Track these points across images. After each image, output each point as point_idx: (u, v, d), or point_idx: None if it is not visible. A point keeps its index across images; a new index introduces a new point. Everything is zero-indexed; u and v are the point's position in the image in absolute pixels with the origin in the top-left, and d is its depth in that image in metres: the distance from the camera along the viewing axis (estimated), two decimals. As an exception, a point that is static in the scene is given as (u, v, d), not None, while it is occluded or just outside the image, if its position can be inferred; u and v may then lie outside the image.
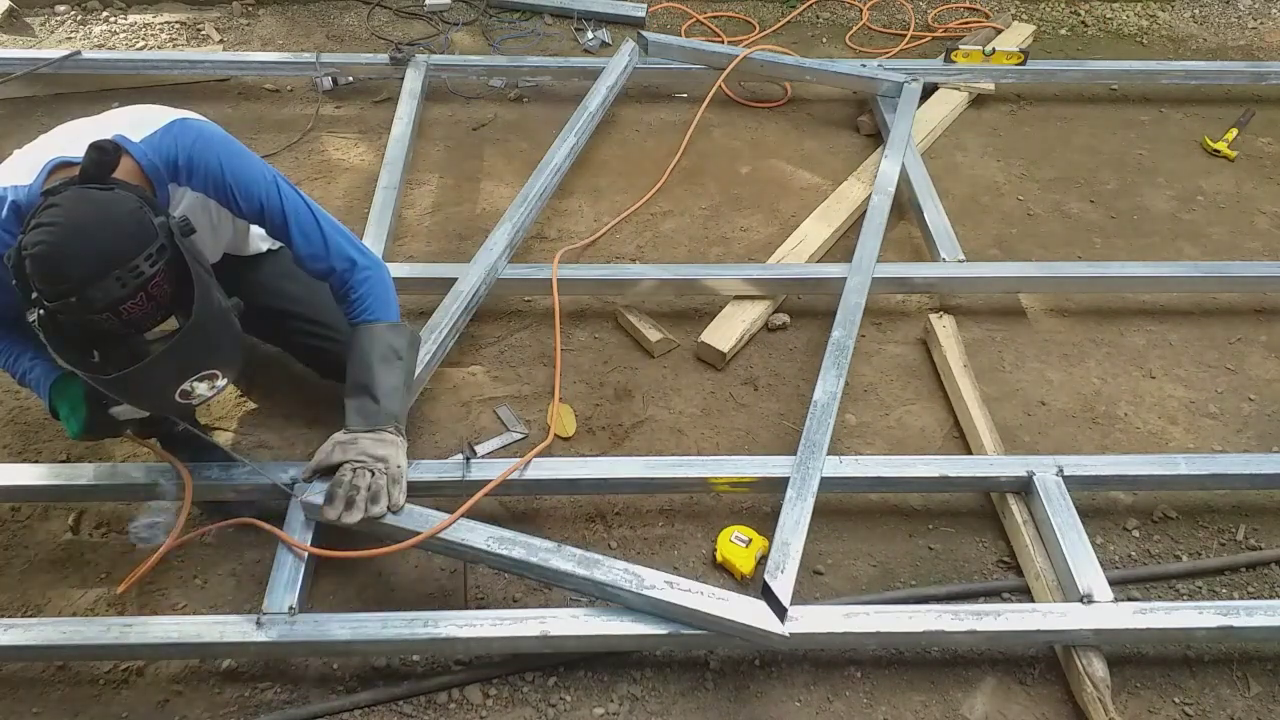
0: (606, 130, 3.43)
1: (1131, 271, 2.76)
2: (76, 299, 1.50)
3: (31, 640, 1.78)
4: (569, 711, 1.84)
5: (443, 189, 3.17)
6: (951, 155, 3.40)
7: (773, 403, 2.47)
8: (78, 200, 1.54)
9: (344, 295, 1.99)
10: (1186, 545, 2.17)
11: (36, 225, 1.52)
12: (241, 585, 2.02)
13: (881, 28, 4.17)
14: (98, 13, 4.04)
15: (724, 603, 1.79)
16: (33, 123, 3.31)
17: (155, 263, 1.55)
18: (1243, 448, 2.39)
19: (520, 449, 2.30)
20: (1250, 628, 1.86)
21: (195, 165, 1.79)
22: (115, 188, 1.59)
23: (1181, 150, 3.46)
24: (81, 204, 1.54)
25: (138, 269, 1.53)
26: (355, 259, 1.98)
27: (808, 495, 2.01)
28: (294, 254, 1.96)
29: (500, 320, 2.67)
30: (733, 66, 3.50)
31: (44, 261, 1.50)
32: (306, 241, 1.93)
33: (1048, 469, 2.11)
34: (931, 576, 2.09)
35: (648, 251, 2.94)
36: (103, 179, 1.60)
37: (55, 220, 1.51)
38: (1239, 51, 4.12)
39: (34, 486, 2.06)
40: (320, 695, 1.84)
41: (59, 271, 1.50)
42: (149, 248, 1.54)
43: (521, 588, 2.03)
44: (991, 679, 1.91)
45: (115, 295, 1.52)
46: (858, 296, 2.53)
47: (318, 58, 3.55)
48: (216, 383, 1.71)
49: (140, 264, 1.53)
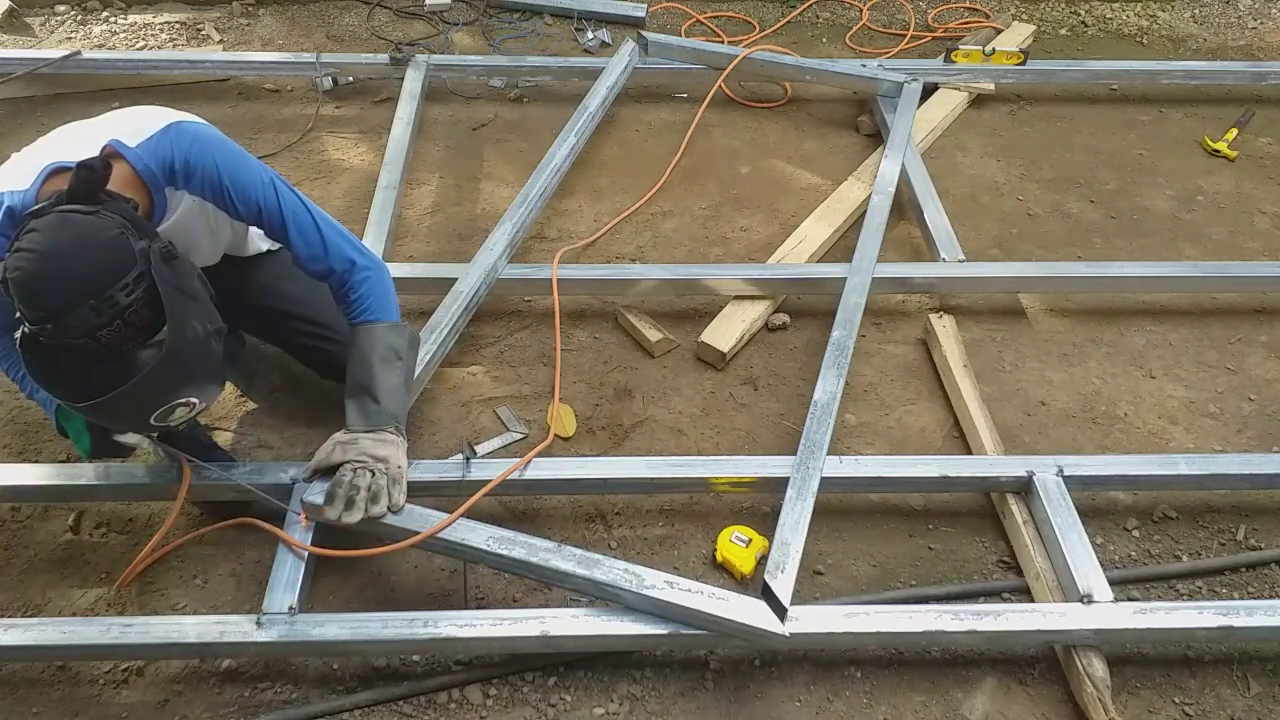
0: (606, 130, 3.43)
1: (1131, 271, 2.76)
2: (53, 325, 1.50)
3: (31, 640, 1.78)
4: (569, 712, 1.84)
5: (443, 189, 3.18)
6: (951, 155, 3.40)
7: (773, 403, 2.47)
8: (58, 226, 1.52)
9: (343, 296, 1.99)
10: (1187, 545, 2.17)
11: (17, 249, 1.51)
12: (241, 585, 2.02)
13: (881, 28, 4.17)
14: (98, 13, 4.04)
15: (724, 602, 1.79)
16: (32, 122, 3.31)
17: (132, 292, 1.53)
18: (1243, 448, 2.39)
19: (520, 449, 2.30)
20: (1250, 628, 1.86)
21: (193, 169, 1.78)
22: (101, 209, 1.57)
23: (1181, 150, 3.46)
24: (61, 230, 1.51)
25: (113, 299, 1.51)
26: (354, 259, 1.97)
27: (808, 495, 2.01)
28: (293, 256, 1.96)
29: (500, 320, 2.67)
30: (733, 66, 3.50)
31: (23, 287, 1.50)
32: (305, 243, 1.93)
33: (1048, 469, 2.11)
34: (931, 576, 2.09)
35: (648, 251, 2.94)
36: (92, 197, 1.57)
37: (34, 246, 1.50)
38: (1239, 51, 4.12)
39: (34, 486, 2.06)
40: (320, 695, 1.84)
41: (37, 299, 1.50)
42: (126, 277, 1.52)
43: (521, 588, 2.03)
44: (991, 679, 1.91)
45: (91, 323, 1.51)
46: (858, 296, 2.53)
47: (318, 58, 3.55)
48: (195, 408, 1.71)
49: (115, 294, 1.51)
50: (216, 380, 1.77)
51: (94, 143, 1.73)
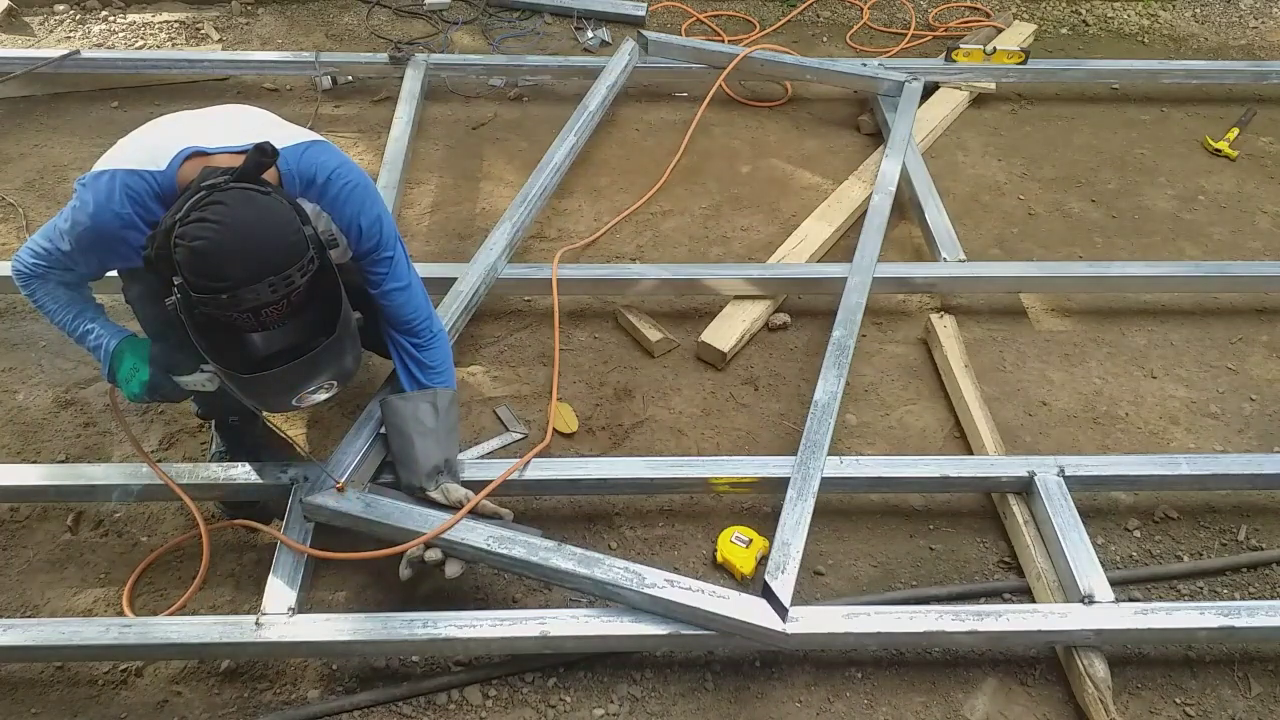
0: (606, 130, 3.42)
1: (1133, 271, 2.75)
2: (228, 297, 1.53)
3: (30, 640, 1.77)
4: (569, 712, 1.83)
5: (442, 188, 3.17)
6: (952, 154, 3.39)
7: (773, 403, 2.46)
8: (242, 201, 1.56)
9: (417, 347, 2.03)
10: (1188, 545, 2.16)
11: (199, 219, 1.53)
12: (241, 585, 2.01)
13: (882, 27, 4.16)
14: (96, 12, 4.03)
15: (725, 601, 1.79)
16: (32, 122, 3.30)
17: (305, 273, 1.59)
18: (1244, 448, 2.39)
19: (520, 449, 2.30)
20: (1251, 628, 1.86)
21: (332, 186, 1.80)
22: (270, 192, 1.62)
23: (1183, 150, 3.46)
24: (246, 206, 1.56)
25: (289, 278, 1.56)
26: (435, 321, 2.06)
27: (808, 495, 2.00)
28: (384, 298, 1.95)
29: (500, 320, 2.67)
30: (733, 65, 3.50)
31: (205, 257, 1.52)
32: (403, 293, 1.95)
33: (1049, 469, 2.10)
34: (932, 577, 2.08)
35: (648, 251, 2.93)
36: (258, 180, 1.63)
37: (220, 218, 1.53)
38: (1240, 51, 4.12)
39: (33, 486, 2.06)
40: (320, 696, 1.84)
41: (218, 270, 1.52)
42: (303, 258, 1.58)
43: (521, 588, 2.03)
44: (992, 680, 1.90)
45: (264, 299, 1.55)
46: (858, 296, 2.52)
47: (317, 57, 3.54)
48: (332, 391, 1.76)
49: (293, 274, 1.56)
50: (358, 365, 1.82)
51: (211, 133, 1.75)
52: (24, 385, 2.44)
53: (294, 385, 1.70)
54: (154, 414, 2.36)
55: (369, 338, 1.95)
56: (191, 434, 2.31)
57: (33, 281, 1.84)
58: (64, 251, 1.76)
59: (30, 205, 2.97)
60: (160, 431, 2.32)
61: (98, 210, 1.67)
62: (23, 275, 1.84)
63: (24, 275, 1.84)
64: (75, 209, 1.71)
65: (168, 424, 2.33)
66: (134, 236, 1.68)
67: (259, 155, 1.62)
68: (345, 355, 1.74)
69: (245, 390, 1.71)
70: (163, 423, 2.34)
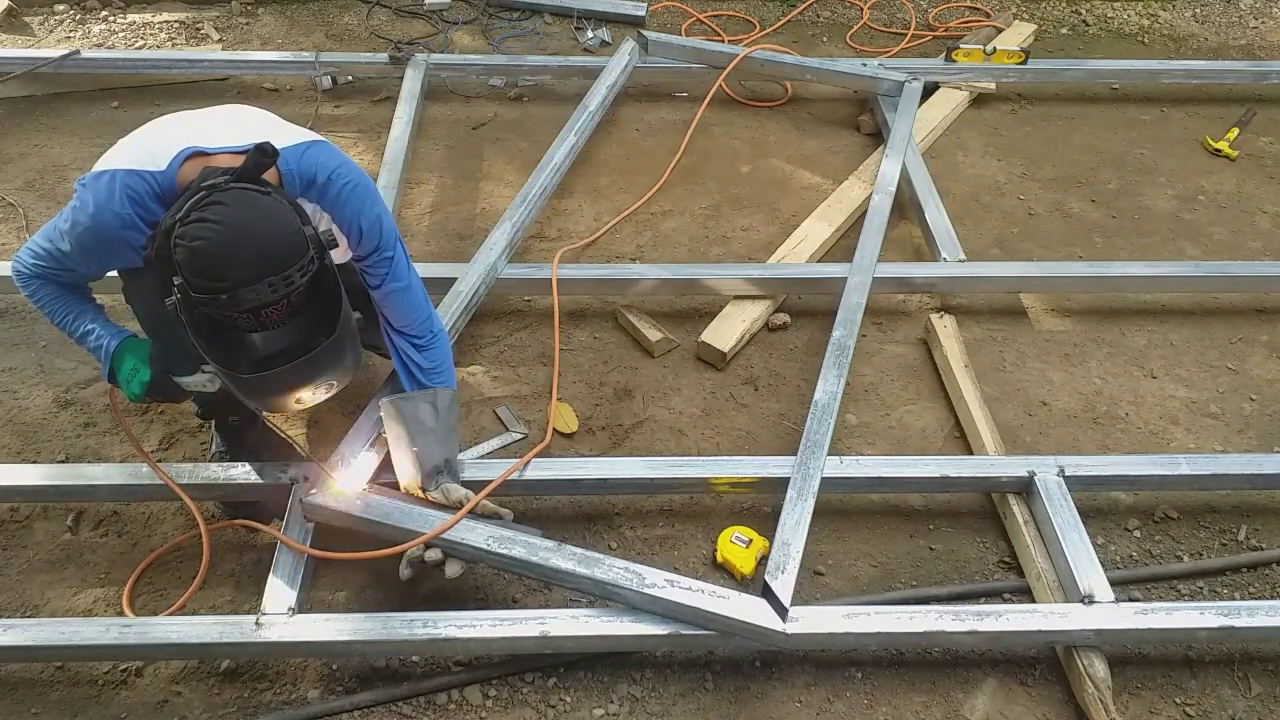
0: (606, 130, 3.42)
1: (1133, 271, 2.75)
2: (227, 297, 1.53)
3: (30, 640, 1.78)
4: (569, 712, 1.83)
5: (442, 188, 3.17)
6: (952, 155, 3.39)
7: (773, 403, 2.46)
8: (243, 201, 1.56)
9: (418, 348, 2.03)
10: (1188, 545, 2.16)
11: (200, 219, 1.53)
12: (241, 585, 2.01)
13: (882, 27, 4.16)
14: (96, 12, 4.03)
15: (725, 601, 1.79)
16: (31, 122, 3.30)
17: (305, 273, 1.59)
18: (1244, 448, 2.39)
19: (520, 449, 2.30)
20: (1251, 628, 1.86)
21: (332, 186, 1.80)
22: (271, 192, 1.62)
23: (1183, 150, 3.46)
24: (246, 206, 1.56)
25: (289, 278, 1.56)
26: (435, 322, 2.05)
27: (808, 495, 2.00)
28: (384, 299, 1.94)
29: (500, 320, 2.67)
30: (733, 65, 3.50)
31: (205, 257, 1.52)
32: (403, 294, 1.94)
33: (1049, 469, 2.10)
34: (932, 577, 2.08)
35: (648, 251, 2.93)
36: (258, 180, 1.63)
37: (220, 219, 1.53)
38: (1240, 51, 4.12)
39: (33, 486, 2.06)
40: (320, 696, 1.84)
41: (218, 270, 1.52)
42: (303, 259, 1.58)
43: (521, 588, 2.03)
44: (992, 680, 1.90)
45: (264, 299, 1.55)
46: (858, 296, 2.52)
47: (317, 57, 3.54)
48: (331, 390, 1.76)
49: (293, 274, 1.56)
50: (357, 366, 1.81)
51: (211, 133, 1.74)
52: (24, 385, 2.44)
53: (294, 385, 1.70)
54: (154, 414, 2.36)
55: (369, 338, 1.95)
56: (191, 434, 2.31)
57: (33, 282, 1.85)
58: (64, 252, 1.76)
59: (30, 205, 2.97)
60: (160, 431, 2.32)
61: (98, 210, 1.67)
62: (23, 275, 1.84)
63: (24, 275, 1.84)
64: (75, 209, 1.71)
65: (168, 424, 2.33)
66: (134, 237, 1.68)
67: (259, 155, 1.62)
68: (345, 355, 1.73)
69: (245, 390, 1.71)
70: (163, 423, 2.34)
